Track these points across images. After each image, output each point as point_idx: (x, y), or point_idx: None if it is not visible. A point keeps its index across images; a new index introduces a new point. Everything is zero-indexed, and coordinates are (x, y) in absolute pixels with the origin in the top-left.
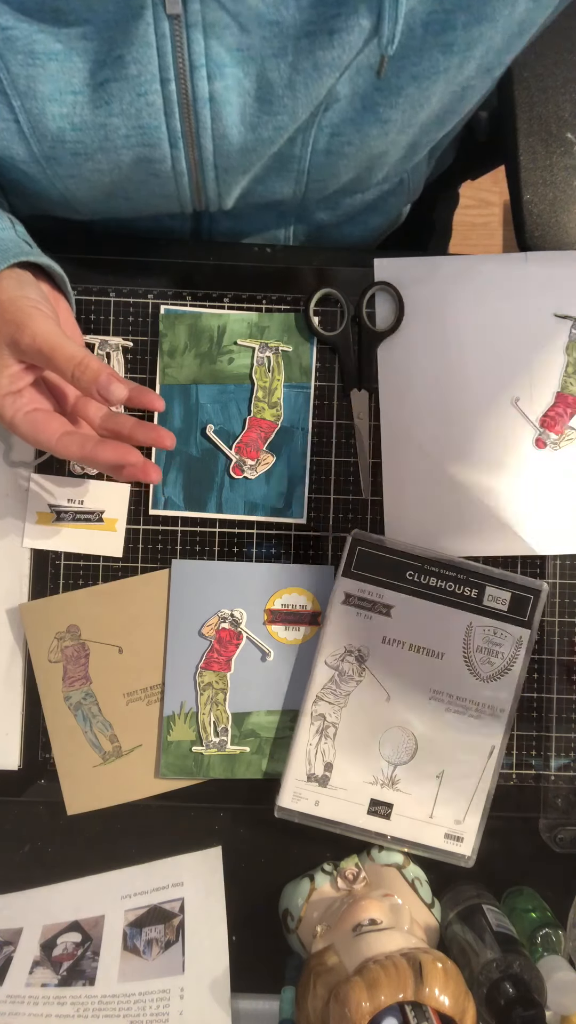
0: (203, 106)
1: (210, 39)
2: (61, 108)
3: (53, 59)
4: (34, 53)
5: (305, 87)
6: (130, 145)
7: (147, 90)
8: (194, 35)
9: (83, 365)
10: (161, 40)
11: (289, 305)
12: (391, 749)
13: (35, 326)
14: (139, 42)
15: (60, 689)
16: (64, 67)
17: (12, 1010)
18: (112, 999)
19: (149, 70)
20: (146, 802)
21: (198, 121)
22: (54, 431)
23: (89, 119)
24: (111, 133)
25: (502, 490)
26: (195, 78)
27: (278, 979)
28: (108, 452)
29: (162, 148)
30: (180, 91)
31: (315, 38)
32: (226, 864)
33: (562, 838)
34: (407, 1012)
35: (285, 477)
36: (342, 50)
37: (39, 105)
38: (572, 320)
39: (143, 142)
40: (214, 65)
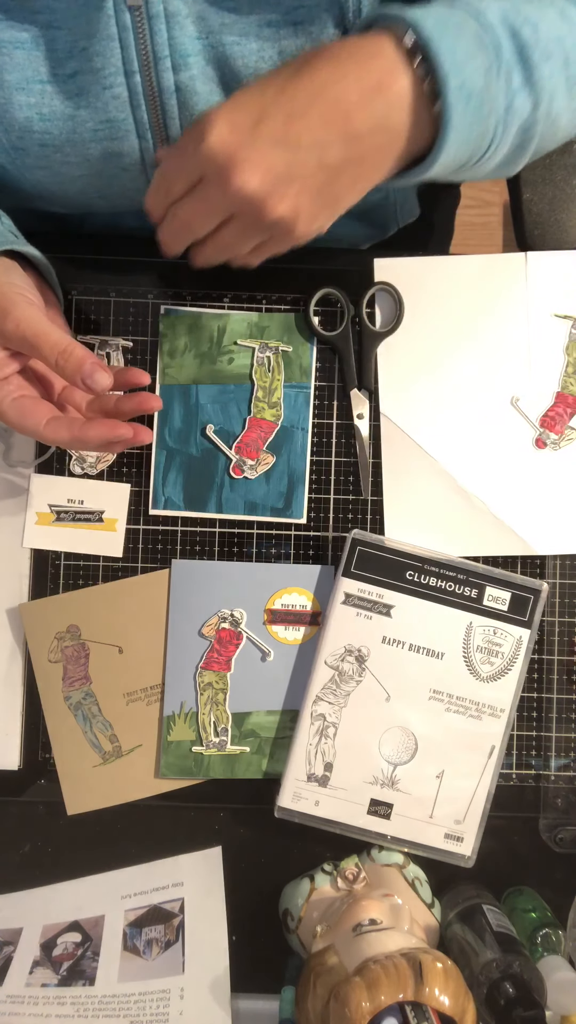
0: (169, 97)
1: (173, 29)
2: (28, 98)
3: (20, 47)
4: (1, 42)
5: None
6: (98, 139)
7: (112, 83)
8: (156, 26)
9: (67, 353)
10: (123, 32)
11: (289, 305)
12: (391, 749)
13: (19, 313)
14: (101, 34)
15: (60, 689)
16: (31, 56)
17: (12, 1010)
18: (112, 999)
19: (112, 63)
20: (146, 802)
21: (165, 112)
22: (41, 416)
23: (58, 109)
24: (79, 125)
25: (502, 490)
26: (159, 69)
27: (278, 979)
28: (97, 430)
29: (130, 140)
30: (145, 83)
31: (277, 28)
32: (226, 864)
33: (562, 838)
34: (407, 1012)
35: (285, 477)
36: (305, 40)
37: (5, 94)
38: (572, 320)
39: (111, 135)
40: (178, 56)
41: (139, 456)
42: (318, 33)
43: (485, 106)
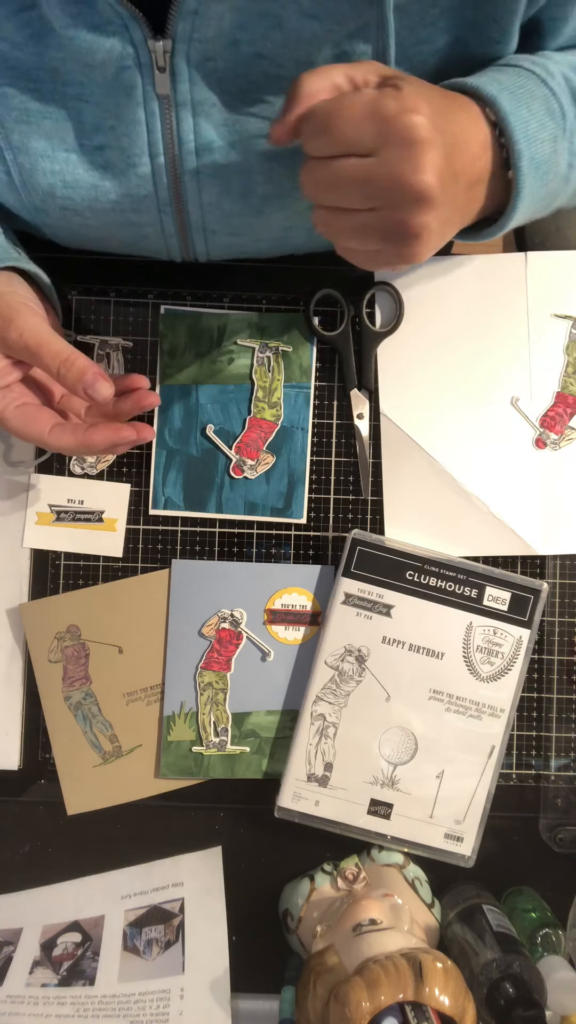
0: (191, 179)
1: (198, 117)
2: (53, 165)
3: (48, 118)
4: (29, 111)
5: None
6: (119, 209)
7: (137, 162)
8: (183, 114)
9: (69, 362)
10: (151, 118)
11: (289, 305)
12: (391, 749)
13: (23, 322)
14: (129, 118)
15: (60, 689)
16: (59, 126)
17: (12, 1010)
18: (112, 999)
19: (138, 144)
20: (146, 802)
21: (186, 192)
22: (45, 424)
23: (82, 179)
24: (101, 195)
25: (502, 490)
26: (183, 153)
27: (278, 979)
28: (102, 434)
29: (150, 214)
30: (169, 164)
31: None
32: (226, 864)
33: (562, 838)
34: (407, 1012)
35: (285, 477)
36: None
37: (31, 160)
38: (571, 320)
39: (132, 208)
40: (201, 141)
41: (139, 456)
42: None
43: (551, 171)
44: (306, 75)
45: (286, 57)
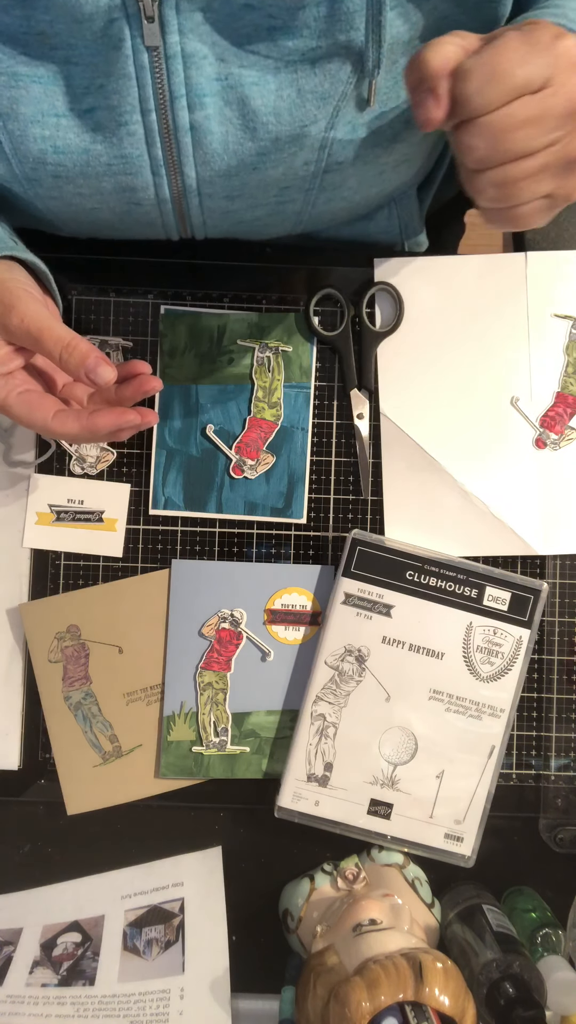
0: (184, 135)
1: (189, 69)
2: (43, 130)
3: (36, 82)
4: (17, 75)
5: (289, 113)
6: (112, 173)
7: (128, 120)
8: (173, 66)
9: (71, 347)
10: (140, 71)
11: (289, 305)
12: (391, 749)
13: (24, 308)
14: (118, 73)
15: (60, 689)
16: (48, 90)
17: (12, 1010)
18: (112, 999)
19: (128, 101)
20: (146, 802)
21: (180, 149)
22: (48, 410)
23: (72, 143)
24: (93, 159)
25: (502, 490)
26: (175, 108)
27: (278, 979)
28: (106, 419)
29: (143, 176)
30: (161, 121)
31: (296, 67)
32: (226, 864)
33: (562, 838)
34: (407, 1012)
35: (285, 477)
36: (323, 78)
37: (21, 126)
38: (571, 320)
39: (125, 170)
40: (194, 95)
41: (139, 456)
42: (336, 71)
43: None
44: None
45: (277, 5)
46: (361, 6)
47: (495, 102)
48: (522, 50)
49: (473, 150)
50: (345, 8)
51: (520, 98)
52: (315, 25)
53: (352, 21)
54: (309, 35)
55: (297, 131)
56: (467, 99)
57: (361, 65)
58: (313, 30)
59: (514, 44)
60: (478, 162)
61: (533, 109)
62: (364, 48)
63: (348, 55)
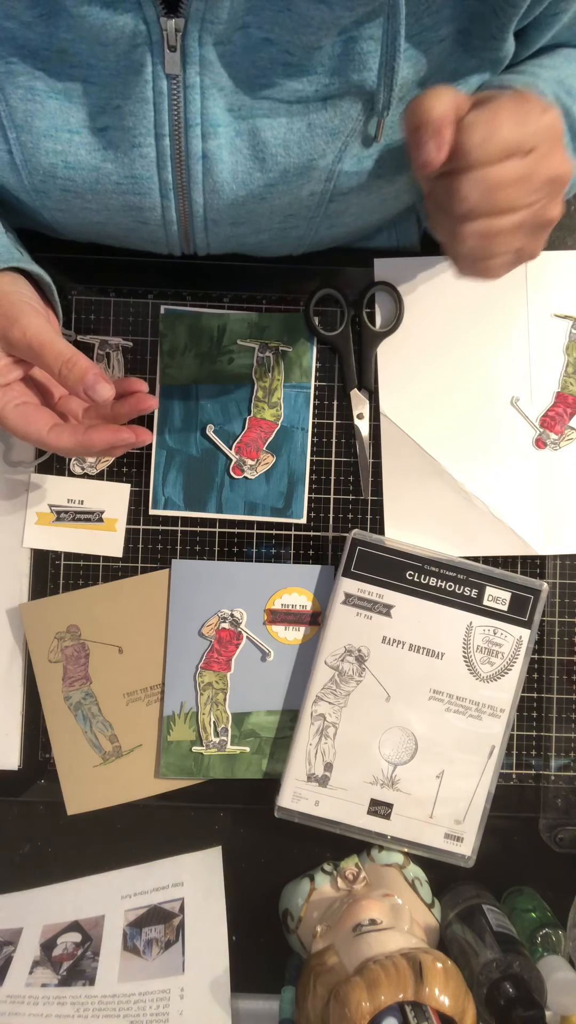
0: (195, 162)
1: (206, 100)
2: (56, 145)
3: (53, 97)
4: (34, 89)
5: (299, 146)
6: (121, 191)
7: (141, 143)
8: (191, 95)
9: (71, 363)
10: (158, 97)
11: (289, 305)
12: (391, 749)
13: (26, 321)
14: (136, 97)
15: (60, 689)
16: (63, 106)
17: (12, 1010)
18: (112, 999)
19: (144, 124)
20: (146, 802)
21: (190, 176)
22: (44, 423)
23: (83, 160)
24: (103, 177)
25: (502, 490)
26: (189, 136)
27: (278, 979)
28: (101, 436)
29: (152, 198)
30: (174, 146)
31: (307, 104)
32: (226, 864)
33: (562, 838)
34: (407, 1012)
35: (285, 477)
36: (334, 115)
37: (34, 139)
38: (572, 320)
39: (134, 190)
40: (208, 124)
41: (139, 456)
42: (347, 108)
43: None
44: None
45: (294, 44)
46: (375, 48)
47: (493, 157)
48: (518, 115)
49: (465, 199)
50: (359, 50)
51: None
52: (329, 64)
53: (365, 62)
54: (323, 73)
55: (305, 164)
56: (468, 150)
57: (372, 104)
58: (327, 68)
59: (510, 108)
60: (467, 212)
61: (523, 169)
62: (376, 90)
63: (360, 94)
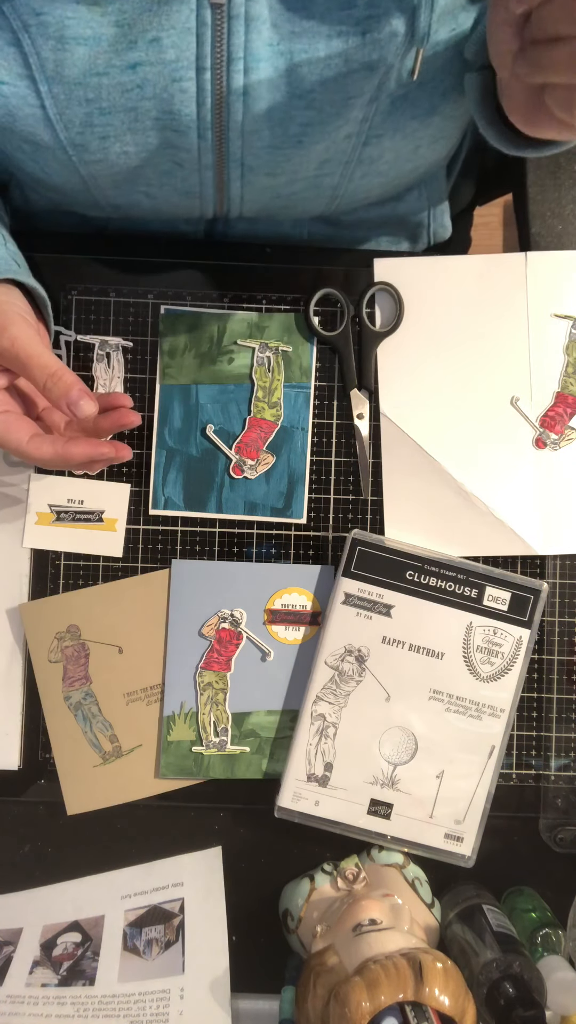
0: (236, 99)
1: (250, 32)
2: (88, 93)
3: (82, 44)
4: (64, 38)
5: (336, 83)
6: (159, 127)
7: (182, 76)
8: (235, 27)
9: (56, 376)
10: (202, 28)
11: (289, 305)
12: (391, 749)
13: (16, 331)
14: (180, 27)
15: (60, 689)
16: (92, 51)
17: (12, 1010)
18: (112, 999)
19: (187, 56)
20: (146, 802)
21: (229, 114)
22: (25, 432)
23: (119, 102)
24: (141, 115)
25: (502, 490)
26: (232, 70)
27: (278, 979)
28: (81, 448)
29: (190, 136)
30: (215, 81)
31: (347, 37)
32: (226, 864)
33: (562, 838)
34: (407, 1012)
35: (285, 477)
36: (372, 48)
37: (66, 90)
38: (572, 320)
39: (172, 127)
40: (251, 58)
41: (139, 456)
42: (386, 41)
43: None
44: None
45: None
46: None
47: None
48: None
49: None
50: None
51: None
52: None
53: None
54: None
55: (342, 101)
56: None
57: (411, 34)
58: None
59: None
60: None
61: None
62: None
63: (400, 22)
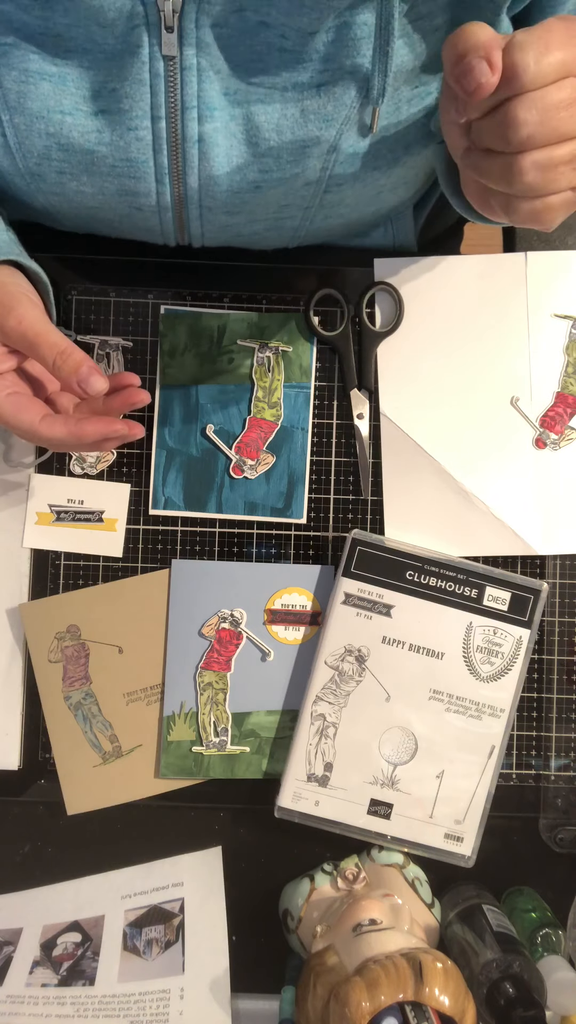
0: (191, 146)
1: (203, 82)
2: (49, 127)
3: (46, 80)
4: (28, 71)
5: (292, 132)
6: (116, 175)
7: (137, 125)
8: (187, 77)
9: (65, 354)
10: (155, 79)
11: (289, 305)
12: (391, 749)
13: (22, 311)
14: (133, 79)
15: (60, 689)
16: (57, 89)
17: (12, 1010)
18: (112, 999)
19: (141, 107)
20: (146, 802)
21: (185, 160)
22: (36, 413)
23: (77, 143)
24: (98, 161)
25: (502, 490)
26: (185, 119)
27: (278, 979)
28: (94, 426)
29: (147, 182)
30: (170, 129)
31: (301, 90)
32: (226, 864)
33: (562, 838)
34: (407, 1012)
35: (285, 477)
36: (327, 101)
37: (27, 121)
38: (572, 320)
39: (129, 174)
40: (205, 107)
41: (139, 456)
42: (341, 95)
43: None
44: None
45: (289, 27)
46: (369, 34)
47: (549, 76)
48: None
49: (523, 125)
50: (354, 35)
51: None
52: (323, 49)
53: (359, 48)
54: (317, 59)
55: (299, 150)
56: (522, 70)
57: (366, 92)
58: (321, 54)
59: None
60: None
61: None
62: (370, 75)
63: (353, 81)
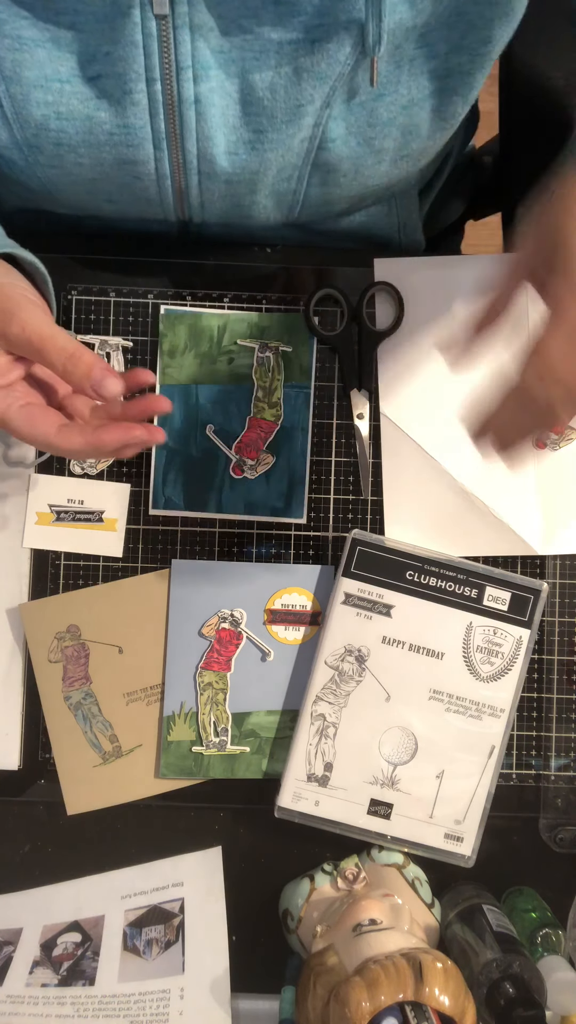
0: (188, 108)
1: (196, 40)
2: (47, 96)
3: (41, 46)
4: (22, 39)
5: (285, 91)
6: (114, 143)
7: (132, 88)
8: (181, 36)
9: (75, 358)
10: (147, 39)
11: (289, 305)
12: (391, 749)
13: (25, 315)
14: (125, 40)
15: (60, 689)
16: (52, 55)
17: (12, 1010)
18: (112, 999)
19: (134, 69)
20: (146, 802)
21: (183, 123)
22: (51, 424)
23: (76, 110)
24: (95, 127)
25: (502, 490)
26: (181, 79)
27: (278, 979)
28: (113, 434)
29: (145, 149)
30: (165, 91)
31: (297, 46)
32: (226, 864)
33: (562, 838)
34: (407, 1012)
35: (285, 477)
36: (322, 58)
37: (24, 90)
38: None
39: (127, 141)
40: (200, 67)
41: (139, 456)
42: (335, 51)
43: None
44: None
45: None
46: None
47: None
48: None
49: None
50: None
51: None
52: (318, 3)
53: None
54: (312, 12)
55: (293, 109)
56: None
57: (362, 44)
58: (316, 6)
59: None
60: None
61: None
62: (364, 24)
63: (348, 35)
